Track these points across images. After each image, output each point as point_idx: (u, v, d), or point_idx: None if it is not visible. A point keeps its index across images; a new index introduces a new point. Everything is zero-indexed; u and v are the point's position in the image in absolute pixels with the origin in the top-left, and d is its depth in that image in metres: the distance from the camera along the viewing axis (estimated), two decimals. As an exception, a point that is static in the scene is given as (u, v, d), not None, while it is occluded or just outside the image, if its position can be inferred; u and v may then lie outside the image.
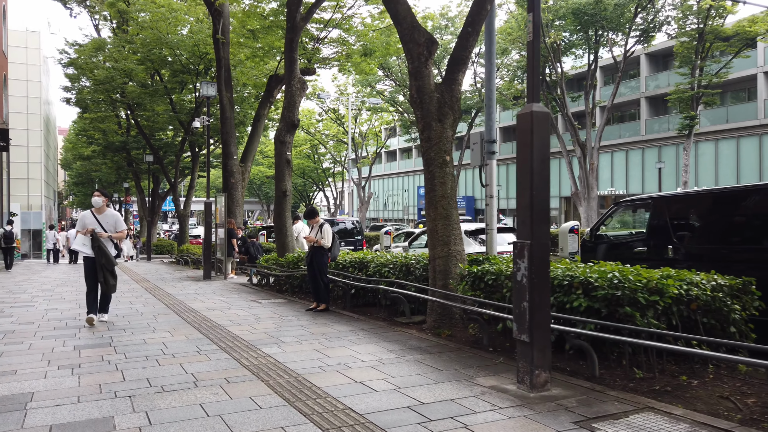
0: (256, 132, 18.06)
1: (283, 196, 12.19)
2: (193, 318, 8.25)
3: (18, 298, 10.97)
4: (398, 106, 42.72)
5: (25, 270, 19.69)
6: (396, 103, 42.39)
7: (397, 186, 58.72)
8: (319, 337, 6.57)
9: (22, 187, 31.00)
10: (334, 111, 47.61)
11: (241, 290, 12.24)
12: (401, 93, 41.71)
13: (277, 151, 12.27)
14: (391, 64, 41.00)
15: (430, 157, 7.18)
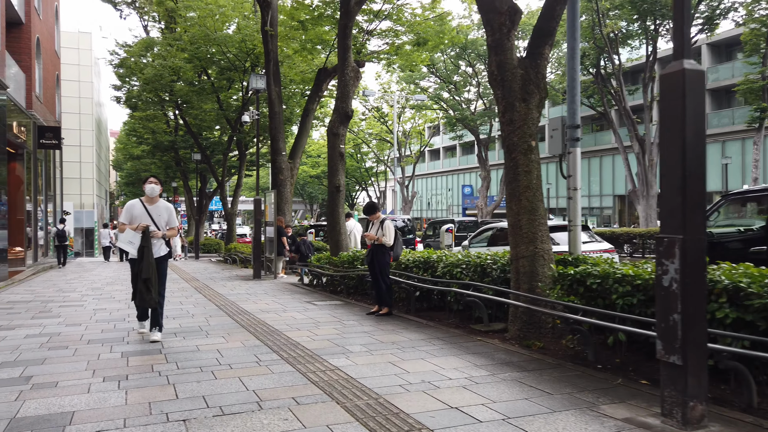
0: (304, 127, 17.46)
1: (337, 191, 11.48)
2: (247, 321, 7.58)
3: (67, 297, 10.60)
4: (443, 103, 41.68)
5: (77, 268, 19.68)
6: (441, 100, 41.36)
7: (441, 185, 57.62)
8: (390, 347, 5.76)
9: (75, 186, 31.50)
10: (377, 109, 46.92)
11: (293, 291, 11.58)
12: (446, 90, 40.72)
13: (330, 144, 11.56)
14: (436, 61, 40.07)
15: (513, 142, 6.27)
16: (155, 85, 23.44)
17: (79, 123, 31.85)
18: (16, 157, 17.27)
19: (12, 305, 9.37)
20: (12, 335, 6.62)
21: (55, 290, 11.88)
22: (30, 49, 17.55)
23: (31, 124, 17.88)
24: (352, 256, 10.60)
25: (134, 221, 6.23)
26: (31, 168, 17.98)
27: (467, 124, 39.91)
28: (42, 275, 15.96)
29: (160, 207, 6.42)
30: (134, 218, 6.26)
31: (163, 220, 6.40)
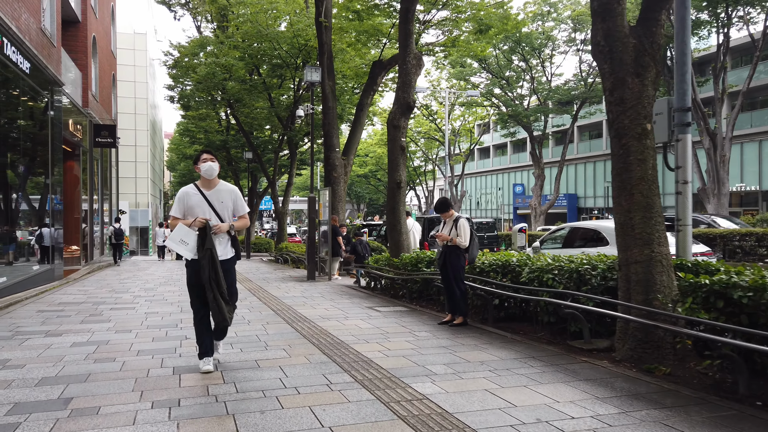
0: (358, 123, 16.73)
1: (397, 187, 10.63)
2: (307, 330, 6.81)
3: (119, 299, 10.15)
4: (495, 99, 40.28)
5: (131, 267, 19.60)
6: (492, 96, 39.97)
7: (491, 184, 56.08)
8: (480, 368, 4.86)
9: (130, 186, 31.92)
10: (426, 107, 45.91)
11: (351, 294, 10.80)
12: (498, 86, 39.31)
13: (390, 137, 10.73)
14: (488, 56, 38.74)
15: (623, 125, 5.25)
16: (208, 84, 23.24)
17: (135, 123, 32.25)
18: (72, 156, 17.24)
19: (63, 307, 8.95)
20: (58, 343, 6.07)
21: (108, 291, 11.51)
22: (86, 48, 17.50)
23: (87, 122, 17.84)
24: (416, 258, 9.73)
25: (190, 214, 4.69)
26: (87, 166, 17.96)
27: (520, 120, 38.44)
28: (97, 274, 15.80)
29: (222, 191, 4.81)
30: (190, 210, 4.69)
31: (228, 209, 4.81)
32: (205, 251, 4.54)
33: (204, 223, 4.58)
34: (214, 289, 4.56)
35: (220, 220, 4.72)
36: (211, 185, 4.81)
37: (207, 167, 4.74)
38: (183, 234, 4.61)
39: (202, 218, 4.61)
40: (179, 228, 4.63)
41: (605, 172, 43.42)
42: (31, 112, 12.21)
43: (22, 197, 11.56)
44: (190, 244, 4.61)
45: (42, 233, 12.72)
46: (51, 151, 12.97)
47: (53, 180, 13.05)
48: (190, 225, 4.60)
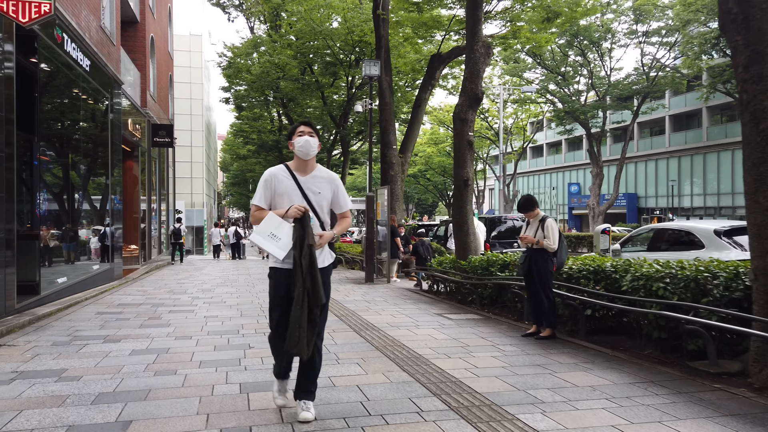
0: (415, 119, 16.07)
1: (464, 185, 9.91)
2: (378, 340, 6.20)
3: (178, 300, 9.84)
4: (550, 95, 38.80)
5: (187, 266, 19.60)
6: (547, 92, 38.49)
7: (544, 183, 54.33)
8: (592, 395, 4.10)
9: (186, 186, 32.36)
10: (478, 105, 44.67)
11: (415, 299, 10.15)
12: (553, 81, 37.84)
13: (457, 132, 10.02)
14: (542, 51, 37.37)
15: (763, 107, 4.38)
16: (262, 83, 23.12)
17: (190, 124, 32.69)
18: (131, 156, 17.30)
19: (122, 309, 8.67)
20: (117, 350, 5.67)
21: (166, 291, 11.26)
22: (144, 48, 17.55)
23: (145, 122, 17.91)
24: (487, 261, 8.98)
25: (279, 203, 3.59)
26: (146, 166, 18.04)
27: (577, 117, 36.86)
28: (154, 273, 15.76)
29: (320, 179, 3.67)
30: (277, 198, 3.59)
31: (325, 202, 3.65)
32: (303, 250, 3.37)
33: (302, 212, 3.40)
34: (304, 303, 3.36)
35: (315, 214, 3.60)
36: (307, 168, 3.65)
37: (303, 142, 3.56)
38: (273, 226, 3.45)
39: (300, 206, 3.42)
40: (269, 219, 3.47)
41: (668, 170, 41.22)
42: (93, 112, 12.15)
43: (83, 197, 11.48)
44: (282, 239, 3.44)
45: (104, 233, 12.66)
46: (111, 151, 12.90)
47: (113, 180, 12.98)
48: (284, 215, 3.47)
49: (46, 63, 9.10)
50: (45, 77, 9.15)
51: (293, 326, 3.34)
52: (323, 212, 3.66)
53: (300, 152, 3.60)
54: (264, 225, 3.47)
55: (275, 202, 3.60)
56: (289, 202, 3.53)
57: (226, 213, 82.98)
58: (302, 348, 3.36)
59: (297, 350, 3.36)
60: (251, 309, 8.72)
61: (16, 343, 6.01)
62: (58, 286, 9.30)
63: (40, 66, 8.70)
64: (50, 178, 9.83)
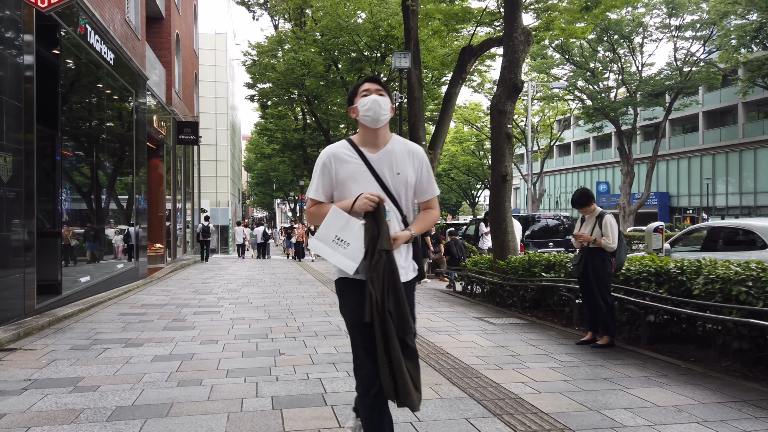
0: (445, 114, 15.47)
1: (503, 181, 9.31)
2: (420, 347, 5.66)
3: (203, 301, 9.45)
4: (580, 92, 37.76)
5: (212, 265, 19.32)
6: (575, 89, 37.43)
7: (571, 182, 53.10)
8: (679, 417, 3.52)
9: (211, 185, 32.24)
10: (503, 103, 43.79)
11: (450, 301, 9.60)
12: (582, 77, 36.82)
13: (494, 124, 9.42)
14: (570, 46, 36.42)
15: None
16: (287, 80, 22.76)
17: (215, 122, 32.57)
18: (157, 154, 17.06)
19: (146, 310, 8.30)
20: (139, 356, 5.24)
21: (191, 291, 10.90)
22: (170, 45, 17.30)
23: (170, 119, 17.67)
24: (528, 261, 8.39)
25: (343, 192, 2.56)
26: (171, 164, 17.80)
27: (607, 114, 35.79)
28: (180, 273, 15.47)
29: (399, 153, 2.60)
30: (340, 185, 2.56)
31: (407, 185, 2.59)
32: (374, 257, 2.36)
33: (375, 203, 2.40)
34: (393, 332, 2.34)
35: (395, 205, 2.56)
36: (378, 141, 2.58)
37: (370, 104, 2.51)
38: (339, 227, 2.43)
39: (371, 194, 2.42)
40: (333, 217, 2.44)
41: (701, 168, 39.85)
42: (117, 107, 11.87)
43: (108, 195, 11.19)
44: (352, 243, 2.41)
45: (128, 232, 12.38)
46: (136, 149, 12.61)
47: (138, 179, 12.69)
48: (351, 208, 2.44)
49: (68, 56, 8.78)
50: (68, 70, 8.83)
51: (382, 370, 2.33)
52: (405, 201, 2.60)
53: (366, 118, 2.52)
54: (326, 226, 2.44)
55: (339, 191, 2.56)
56: (358, 189, 2.49)
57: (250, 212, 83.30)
58: (414, 401, 2.34)
59: (409, 403, 2.34)
60: (279, 311, 8.27)
61: (33, 346, 5.63)
62: (81, 286, 8.98)
63: (62, 58, 8.38)
64: (74, 176, 9.53)
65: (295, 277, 14.31)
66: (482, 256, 10.56)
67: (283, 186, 55.24)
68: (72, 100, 9.27)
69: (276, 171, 48.95)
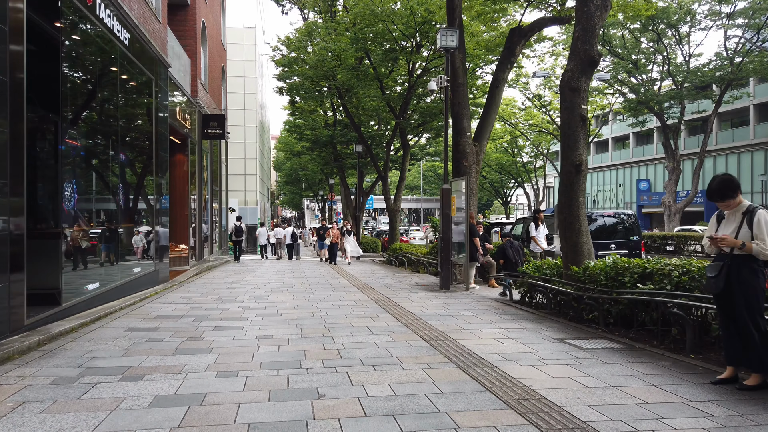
0: (492, 101, 13.95)
1: (576, 171, 7.79)
2: (501, 387, 4.22)
3: (225, 312, 8.17)
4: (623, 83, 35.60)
5: (239, 267, 18.17)
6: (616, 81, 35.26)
7: (609, 180, 50.71)
8: None
9: (239, 183, 31.23)
10: (538, 97, 41.93)
11: (512, 313, 8.11)
12: (625, 69, 34.64)
13: (566, 104, 7.91)
14: (611, 37, 34.35)
15: None
16: (317, 72, 21.49)
17: (244, 119, 31.56)
18: (181, 149, 15.97)
19: (158, 323, 7.04)
20: (135, 396, 3.94)
21: (214, 299, 9.65)
22: (195, 33, 16.18)
23: (195, 113, 16.55)
24: (615, 269, 6.86)
25: None
26: (196, 160, 16.69)
27: (651, 107, 33.62)
28: (204, 276, 14.31)
29: None
30: None
31: None
32: None
33: None
34: None
35: None
36: None
37: None
38: None
39: None
40: None
41: (752, 164, 37.29)
42: (134, 94, 10.73)
43: (124, 191, 10.03)
44: None
45: (147, 232, 11.25)
46: (156, 140, 11.47)
47: (157, 175, 11.53)
48: None
49: (73, 30, 7.59)
50: (72, 47, 7.65)
51: None
52: None
53: None
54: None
55: None
56: None
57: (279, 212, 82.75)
58: None
59: None
60: (313, 326, 6.92)
61: (5, 379, 4.38)
62: (87, 294, 7.79)
63: (64, 32, 7.19)
64: (82, 169, 8.35)
65: (328, 281, 13.00)
66: (546, 260, 9.02)
67: (312, 185, 54.27)
68: (78, 82, 8.09)
69: (305, 170, 47.97)
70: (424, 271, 15.84)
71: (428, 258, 15.57)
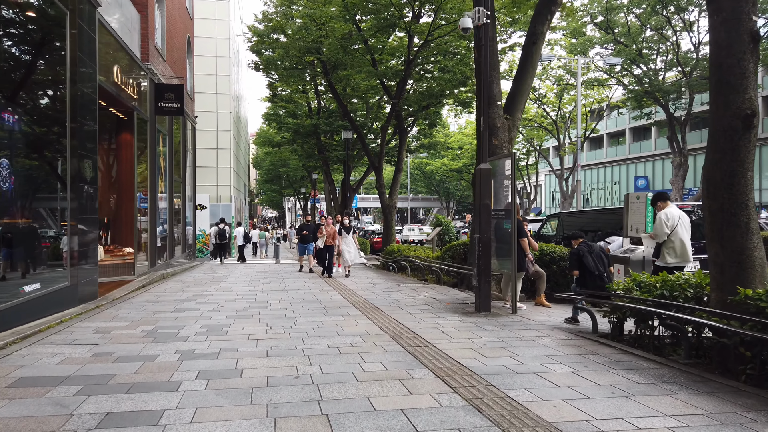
0: (528, 63, 10.68)
1: (744, 127, 4.56)
2: None
3: (148, 365, 4.71)
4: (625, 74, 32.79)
5: (205, 274, 14.62)
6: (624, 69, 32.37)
7: (604, 177, 48.04)
8: None
9: (211, 177, 27.51)
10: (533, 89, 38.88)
11: (635, 367, 4.79)
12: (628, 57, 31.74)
13: (721, 17, 4.67)
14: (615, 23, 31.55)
15: None
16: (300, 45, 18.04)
17: (216, 104, 27.85)
18: (127, 126, 12.41)
19: (4, 405, 3.59)
20: None
21: (143, 334, 6.18)
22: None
23: (148, 83, 12.96)
24: None
25: None
26: (148, 143, 13.09)
27: (657, 98, 30.86)
28: (154, 288, 10.77)
29: None
30: None
31: None
32: None
33: None
34: None
35: None
36: None
37: None
38: None
39: None
40: None
41: (761, 160, 34.78)
42: (35, 34, 7.24)
43: (13, 174, 6.52)
44: None
45: (57, 233, 7.75)
46: (73, 105, 7.95)
47: (72, 150, 7.99)
48: None
49: None
50: None
51: None
52: None
53: None
54: None
55: None
56: None
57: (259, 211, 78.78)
58: None
59: None
60: (300, 407, 3.55)
61: None
62: None
63: None
64: None
65: (315, 297, 9.59)
66: (663, 276, 5.73)
67: (293, 183, 50.52)
68: None
69: (286, 166, 44.23)
70: (432, 279, 12.54)
71: (439, 263, 12.24)
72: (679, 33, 30.63)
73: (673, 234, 6.92)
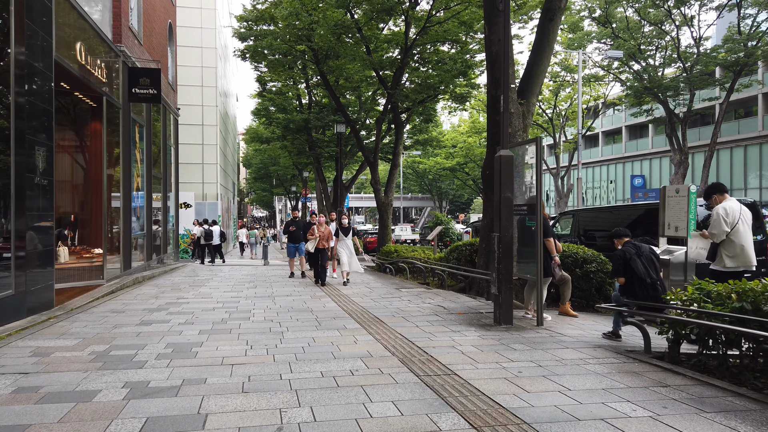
0: (544, 41, 9.52)
1: None
2: None
3: (82, 408, 3.47)
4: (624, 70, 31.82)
5: (186, 277, 13.33)
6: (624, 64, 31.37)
7: (600, 176, 47.13)
8: None
9: (196, 173, 26.10)
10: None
11: (721, 406, 3.62)
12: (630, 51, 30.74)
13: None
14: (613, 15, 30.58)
15: None
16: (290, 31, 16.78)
17: (202, 97, 26.45)
18: (96, 114, 11.10)
19: None
20: None
21: (92, 358, 4.93)
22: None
23: (120, 65, 11.65)
24: None
25: None
26: (121, 133, 11.77)
27: (656, 94, 29.91)
28: (124, 295, 9.48)
29: None
30: None
31: None
32: None
33: None
34: None
35: None
36: None
37: None
38: None
39: None
40: None
41: (761, 157, 34.01)
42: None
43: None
44: None
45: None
46: (16, 78, 6.68)
47: (23, 134, 6.71)
48: None
49: None
50: None
51: None
52: None
53: None
54: None
55: None
56: None
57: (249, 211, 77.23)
58: None
59: None
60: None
61: None
62: None
63: None
64: None
65: (307, 306, 8.36)
66: (736, 283, 4.58)
67: (283, 181, 49.12)
68: None
69: (276, 164, 42.82)
70: (435, 284, 11.36)
71: (444, 266, 11.04)
72: (679, 27, 29.70)
73: (733, 232, 5.78)
